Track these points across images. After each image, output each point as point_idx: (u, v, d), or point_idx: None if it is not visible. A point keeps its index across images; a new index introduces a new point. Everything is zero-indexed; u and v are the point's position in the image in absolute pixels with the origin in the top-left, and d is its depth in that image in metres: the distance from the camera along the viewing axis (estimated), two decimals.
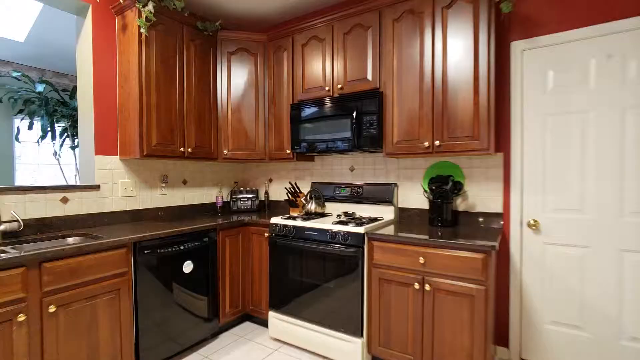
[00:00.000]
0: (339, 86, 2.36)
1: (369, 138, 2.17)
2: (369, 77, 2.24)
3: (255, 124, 2.81)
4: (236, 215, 2.80)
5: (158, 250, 1.94)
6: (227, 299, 2.43)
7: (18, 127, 4.03)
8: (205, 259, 2.24)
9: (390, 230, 2.02)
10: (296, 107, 2.52)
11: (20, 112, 3.88)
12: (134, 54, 2.18)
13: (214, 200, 3.08)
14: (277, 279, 2.33)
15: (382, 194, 2.42)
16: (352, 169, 2.71)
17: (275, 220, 2.36)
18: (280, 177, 3.15)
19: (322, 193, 2.72)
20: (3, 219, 1.79)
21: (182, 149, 2.42)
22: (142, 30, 2.10)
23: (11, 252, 1.43)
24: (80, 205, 2.13)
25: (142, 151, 2.19)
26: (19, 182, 4.49)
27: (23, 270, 1.41)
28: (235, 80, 2.76)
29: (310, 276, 2.14)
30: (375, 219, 2.26)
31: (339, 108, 2.29)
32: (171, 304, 2.01)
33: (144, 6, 2.09)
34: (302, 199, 2.71)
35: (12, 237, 1.78)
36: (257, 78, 2.80)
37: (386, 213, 2.42)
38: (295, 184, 2.81)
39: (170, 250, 2.01)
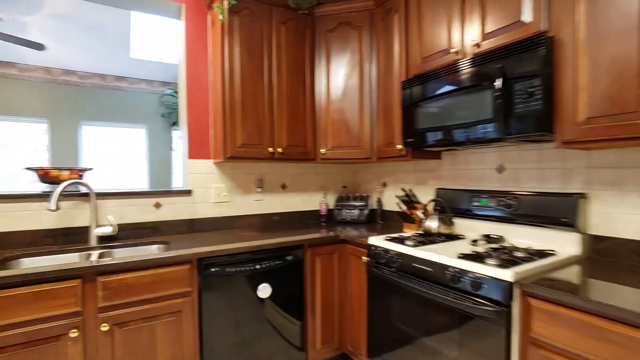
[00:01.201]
0: (474, 42, 1.56)
1: (527, 117, 1.30)
2: (526, 16, 1.37)
3: (360, 114, 2.27)
4: (341, 226, 2.34)
5: (227, 269, 1.67)
6: (319, 333, 1.98)
7: (173, 138, 4.80)
8: (288, 283, 1.86)
9: (571, 277, 1.11)
10: (409, 85, 1.85)
11: (174, 124, 4.60)
12: (218, 47, 2.01)
13: (317, 208, 2.70)
14: (376, 320, 1.72)
15: (556, 211, 1.47)
16: (500, 169, 1.82)
17: (375, 240, 1.76)
18: (395, 181, 2.51)
19: (452, 204, 1.93)
20: (100, 223, 1.86)
21: (270, 150, 2.12)
22: (221, 17, 1.90)
23: (73, 261, 1.36)
24: (173, 210, 2.10)
25: (226, 153, 2.00)
26: (175, 186, 5.39)
27: (78, 283, 1.31)
28: (335, 63, 2.31)
29: (421, 330, 1.44)
30: (541, 254, 1.35)
31: (474, 76, 1.50)
32: (243, 335, 1.70)
33: None
34: (419, 212, 1.99)
35: (107, 240, 1.83)
36: (362, 57, 2.26)
37: (563, 244, 1.45)
38: (410, 190, 2.11)
39: (242, 269, 1.71)
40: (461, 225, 1.92)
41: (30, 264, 1.61)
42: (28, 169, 1.88)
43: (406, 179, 2.43)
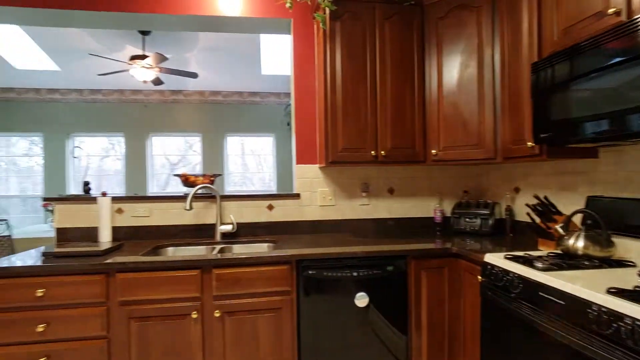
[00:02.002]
0: None
1: None
2: None
3: (479, 107, 1.99)
4: (459, 237, 2.11)
5: (324, 273, 1.70)
6: (425, 352, 1.82)
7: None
8: (388, 294, 1.77)
9: None
10: (544, 66, 1.51)
11: None
12: (320, 54, 2.10)
13: (430, 214, 2.50)
14: (490, 352, 1.45)
15: None
16: None
17: (492, 258, 1.50)
18: (531, 186, 2.10)
19: (611, 219, 1.47)
20: (224, 222, 2.18)
21: (373, 153, 2.07)
22: (322, 25, 1.96)
23: (191, 255, 1.63)
24: (283, 212, 2.28)
25: (327, 158, 2.05)
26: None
27: (198, 273, 1.57)
28: (447, 52, 2.09)
29: None
30: None
31: None
32: (340, 340, 1.71)
33: None
34: (558, 226, 1.59)
35: (228, 237, 2.14)
36: (481, 41, 1.98)
37: None
38: (545, 197, 1.72)
39: (338, 275, 1.72)
40: (626, 247, 1.43)
41: (173, 253, 2.01)
42: (175, 175, 2.36)
43: (545, 184, 1.99)
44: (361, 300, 1.75)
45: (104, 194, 2.05)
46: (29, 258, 1.64)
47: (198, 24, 2.41)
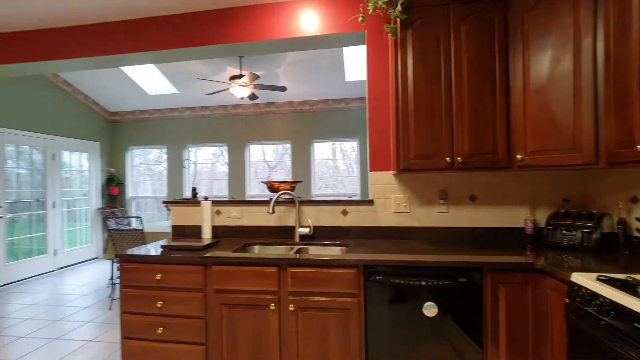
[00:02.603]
0: None
1: None
2: None
3: (575, 105, 1.79)
4: (554, 251, 1.93)
5: (391, 280, 1.75)
6: None
7: None
8: (459, 306, 1.72)
9: None
10: None
11: None
12: (392, 63, 2.14)
13: (520, 225, 2.30)
14: None
15: None
16: None
17: (580, 278, 1.35)
18: None
19: None
20: (303, 224, 2.39)
21: (448, 159, 2.03)
22: (392, 35, 2.02)
23: (270, 254, 1.87)
24: (357, 218, 2.39)
25: (399, 166, 2.09)
26: None
27: (276, 270, 1.80)
28: (536, 47, 1.94)
29: None
30: None
31: None
32: (408, 346, 1.74)
33: (394, 8, 1.99)
34: None
35: (306, 238, 2.34)
36: (578, 30, 1.81)
37: None
38: None
39: (405, 282, 1.75)
40: None
41: (258, 250, 2.30)
42: (262, 182, 2.68)
43: None
44: (430, 310, 1.74)
45: (205, 198, 2.47)
46: (153, 249, 2.09)
47: (284, 46, 2.68)
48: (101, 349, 2.65)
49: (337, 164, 6.40)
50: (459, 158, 2.04)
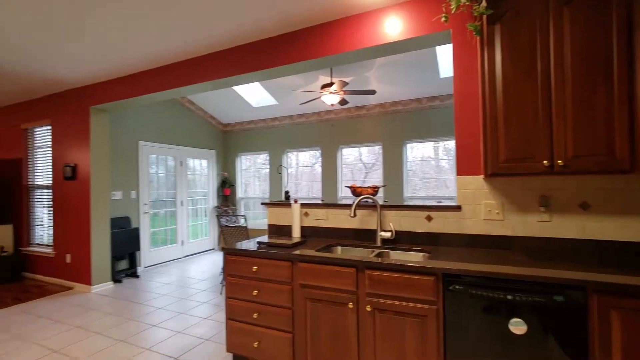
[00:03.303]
0: None
1: None
2: None
3: None
4: None
5: (472, 291, 1.69)
6: None
7: None
8: (554, 327, 1.56)
9: None
10: None
11: None
12: (477, 62, 2.04)
13: None
14: None
15: None
16: None
17: None
18: None
19: None
20: (385, 228, 2.45)
21: (546, 162, 1.85)
22: (475, 34, 1.93)
23: (349, 255, 1.99)
24: (442, 224, 2.34)
25: (487, 170, 1.99)
26: None
27: (353, 271, 1.92)
28: None
29: None
30: None
31: None
32: None
33: (479, 4, 1.90)
34: None
35: (388, 243, 2.40)
36: None
37: None
38: None
39: (488, 295, 1.66)
40: None
41: (340, 251, 2.45)
42: (346, 186, 2.82)
43: None
44: (517, 327, 1.61)
45: (295, 201, 2.74)
46: (251, 244, 2.44)
47: (372, 53, 2.77)
48: (213, 326, 3.18)
49: (439, 164, 6.14)
50: (559, 161, 1.82)
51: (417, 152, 6.23)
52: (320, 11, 2.62)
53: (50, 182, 4.95)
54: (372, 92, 4.88)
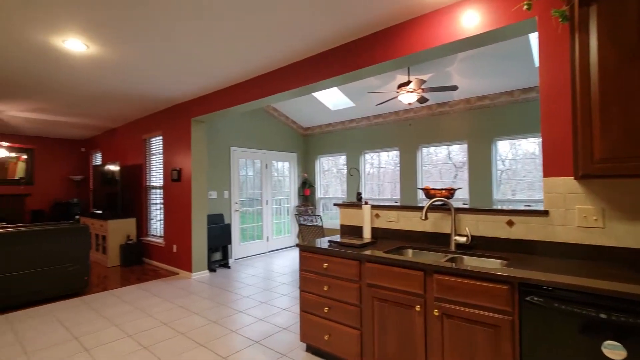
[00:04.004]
0: None
1: None
2: None
3: None
4: None
5: (554, 304, 1.55)
6: None
7: None
8: None
9: None
10: None
11: None
12: (567, 50, 1.85)
13: None
14: None
15: None
16: None
17: None
18: None
19: None
20: (460, 233, 2.37)
21: None
22: (561, 21, 1.76)
23: (417, 258, 1.99)
24: (525, 230, 2.17)
25: (577, 172, 1.80)
26: None
27: (421, 274, 1.92)
28: None
29: None
30: None
31: None
32: None
33: None
34: None
35: (462, 248, 2.31)
36: None
37: None
38: None
39: (575, 311, 1.51)
40: None
41: (411, 254, 2.43)
42: (419, 188, 2.77)
43: None
44: (614, 351, 1.43)
45: (366, 202, 2.80)
46: (323, 243, 2.59)
47: (451, 49, 2.67)
48: (290, 317, 3.43)
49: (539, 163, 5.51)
50: None
51: (517, 149, 5.63)
52: (397, 11, 2.62)
53: (162, 184, 5.91)
54: (454, 87, 4.65)
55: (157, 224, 6.19)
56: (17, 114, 5.94)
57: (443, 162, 6.26)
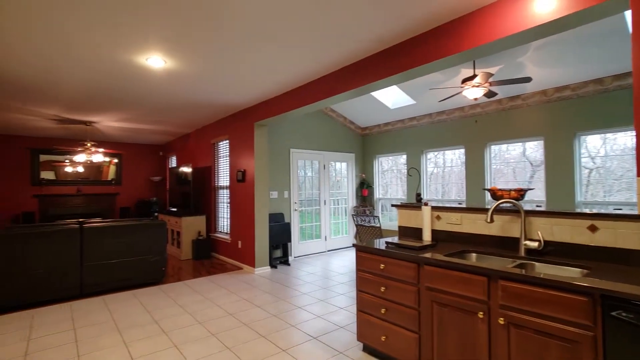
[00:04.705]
0: None
1: None
2: None
3: None
4: None
5: None
6: None
7: None
8: None
9: None
10: None
11: None
12: None
13: None
14: None
15: None
16: None
17: None
18: None
19: None
20: (530, 237, 2.20)
21: None
22: None
23: (477, 264, 1.90)
24: (612, 237, 1.94)
25: None
26: None
27: (485, 280, 1.84)
28: None
29: None
30: None
31: None
32: None
33: None
34: None
35: (534, 253, 2.15)
36: None
37: None
38: None
39: None
40: None
41: (475, 259, 2.31)
42: (484, 189, 2.62)
43: None
44: None
45: (425, 204, 2.73)
46: (380, 244, 2.58)
47: (521, 39, 2.47)
48: (347, 316, 3.47)
49: None
50: None
51: (611, 144, 4.97)
52: (459, 3, 2.51)
53: (228, 184, 6.35)
54: (527, 79, 4.29)
55: (224, 221, 6.66)
56: (110, 123, 6.85)
57: (517, 160, 5.78)
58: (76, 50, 3.21)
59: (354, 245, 2.66)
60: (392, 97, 6.30)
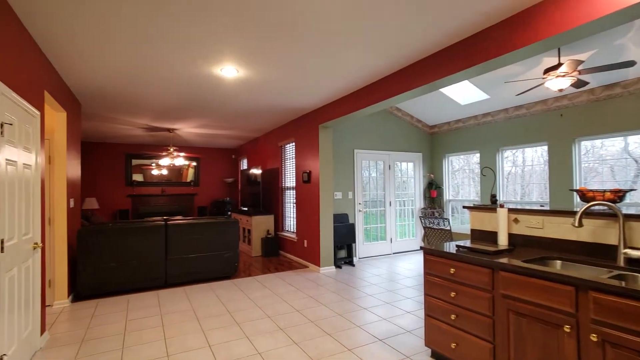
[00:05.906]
0: None
1: None
2: None
3: None
4: None
5: None
6: None
7: None
8: None
9: None
10: None
11: None
12: None
13: None
14: None
15: None
16: None
17: None
18: None
19: None
20: (631, 245, 1.95)
21: None
22: None
23: (563, 272, 1.73)
24: None
25: None
26: None
27: (572, 290, 1.68)
28: None
29: None
30: None
31: None
32: None
33: None
34: None
35: (637, 264, 1.90)
36: None
37: None
38: None
39: None
40: None
41: (560, 266, 2.11)
42: (570, 190, 2.37)
43: None
44: None
45: (501, 206, 2.55)
46: (450, 247, 2.49)
47: (611, 21, 2.19)
48: (414, 320, 3.39)
49: None
50: None
51: None
52: None
53: (294, 185, 6.61)
54: (631, 63, 3.76)
55: (290, 220, 6.95)
56: (189, 130, 7.59)
57: (617, 158, 5.08)
58: (163, 68, 3.65)
59: (421, 247, 2.60)
60: (463, 92, 5.97)
